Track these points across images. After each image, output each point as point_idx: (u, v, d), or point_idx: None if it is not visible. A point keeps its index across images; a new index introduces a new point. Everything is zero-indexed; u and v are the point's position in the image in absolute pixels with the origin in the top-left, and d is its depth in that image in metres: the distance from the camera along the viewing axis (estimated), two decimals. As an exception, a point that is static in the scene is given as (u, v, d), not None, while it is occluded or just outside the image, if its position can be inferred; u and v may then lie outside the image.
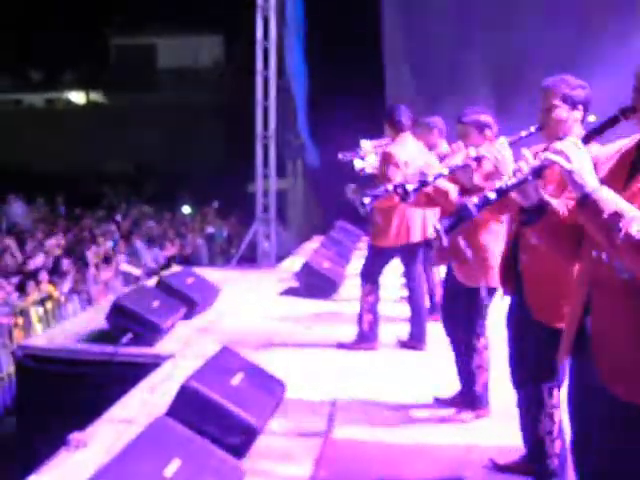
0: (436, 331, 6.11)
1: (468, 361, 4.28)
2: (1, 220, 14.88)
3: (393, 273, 6.33)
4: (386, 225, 5.66)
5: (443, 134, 6.53)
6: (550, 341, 3.13)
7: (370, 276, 5.77)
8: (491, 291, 4.10)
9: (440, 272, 6.68)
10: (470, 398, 4.32)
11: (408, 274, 5.93)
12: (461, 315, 4.27)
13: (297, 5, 13.55)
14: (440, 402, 4.60)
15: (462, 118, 4.19)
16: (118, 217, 16.83)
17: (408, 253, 5.80)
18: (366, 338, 5.79)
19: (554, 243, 2.44)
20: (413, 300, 5.88)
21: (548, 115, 3.16)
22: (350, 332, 5.95)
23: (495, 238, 4.07)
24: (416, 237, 5.71)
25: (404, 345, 5.89)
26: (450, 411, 4.43)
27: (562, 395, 3.28)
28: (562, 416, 3.19)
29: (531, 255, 3.06)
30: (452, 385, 4.79)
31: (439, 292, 6.64)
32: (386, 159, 5.58)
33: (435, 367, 5.37)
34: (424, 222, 5.73)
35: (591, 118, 3.17)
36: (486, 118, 4.18)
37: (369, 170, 6.13)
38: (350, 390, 4.92)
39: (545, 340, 3.14)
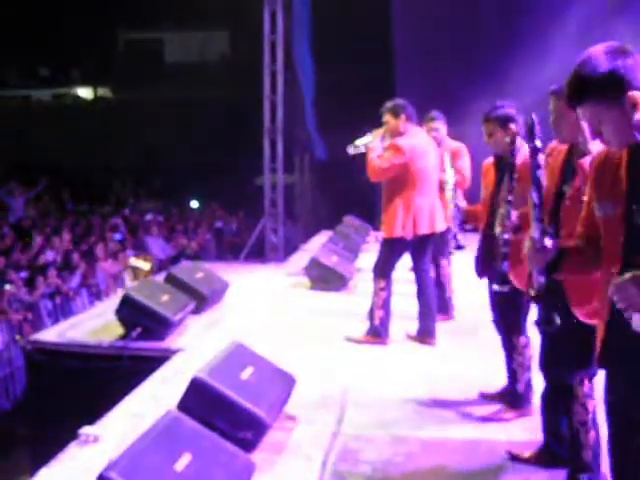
0: (446, 327, 6.13)
1: (510, 360, 4.25)
2: (7, 214, 14.86)
3: (402, 267, 6.30)
4: (392, 215, 5.63)
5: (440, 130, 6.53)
6: (581, 333, 3.12)
7: (383, 271, 5.73)
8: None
9: (452, 267, 6.67)
10: (513, 396, 4.25)
11: (417, 268, 5.90)
12: (504, 314, 4.25)
13: (304, -2, 13.52)
14: (486, 398, 4.55)
15: (487, 115, 4.19)
16: (126, 211, 16.85)
17: (417, 246, 5.77)
18: (377, 333, 5.76)
19: (585, 271, 2.57)
20: (422, 295, 5.85)
21: (559, 121, 3.20)
22: (360, 326, 5.94)
23: None
24: (424, 229, 5.69)
25: (413, 340, 5.87)
26: (493, 409, 4.36)
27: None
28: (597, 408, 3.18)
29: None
30: (461, 380, 4.79)
31: (449, 288, 6.62)
32: (395, 151, 5.57)
33: (445, 362, 5.36)
34: (432, 215, 5.71)
35: None
36: (509, 111, 4.15)
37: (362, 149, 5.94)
38: (360, 384, 4.92)
39: (576, 332, 3.14)
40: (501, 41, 12.32)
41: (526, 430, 3.99)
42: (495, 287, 3.45)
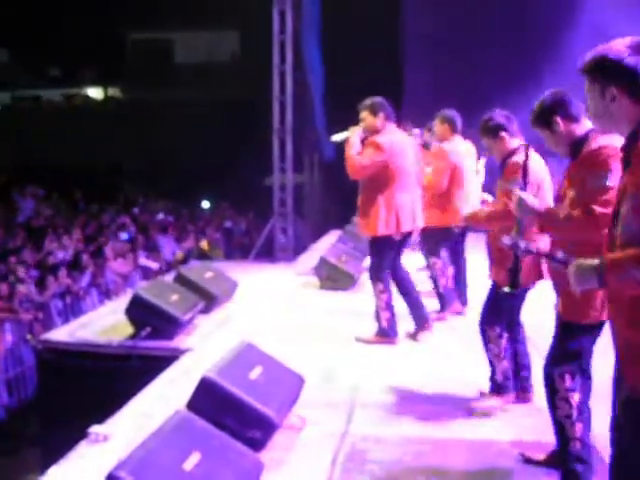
0: (453, 326, 6.12)
1: (486, 350, 4.33)
2: (17, 214, 14.95)
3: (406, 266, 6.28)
4: (374, 214, 5.57)
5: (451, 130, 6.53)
6: (564, 330, 3.23)
7: (377, 274, 5.70)
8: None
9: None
10: (493, 386, 4.36)
11: (394, 266, 5.81)
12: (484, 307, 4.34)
13: (314, -3, 13.47)
14: (484, 395, 4.58)
15: (480, 131, 4.25)
16: (136, 210, 16.91)
17: (398, 244, 5.75)
18: (385, 334, 5.76)
19: None
20: (404, 290, 5.83)
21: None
22: (369, 326, 5.94)
23: None
24: (407, 226, 5.65)
25: (414, 335, 5.86)
26: (477, 400, 4.44)
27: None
28: (586, 399, 3.22)
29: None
30: (469, 379, 4.78)
31: (441, 284, 6.61)
32: (375, 148, 5.55)
33: (453, 361, 5.36)
34: (413, 211, 5.69)
35: None
36: (498, 120, 4.17)
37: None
38: (369, 384, 4.92)
39: (560, 329, 3.25)
40: (511, 43, 12.29)
41: (535, 430, 3.99)
42: (505, 289, 3.45)
